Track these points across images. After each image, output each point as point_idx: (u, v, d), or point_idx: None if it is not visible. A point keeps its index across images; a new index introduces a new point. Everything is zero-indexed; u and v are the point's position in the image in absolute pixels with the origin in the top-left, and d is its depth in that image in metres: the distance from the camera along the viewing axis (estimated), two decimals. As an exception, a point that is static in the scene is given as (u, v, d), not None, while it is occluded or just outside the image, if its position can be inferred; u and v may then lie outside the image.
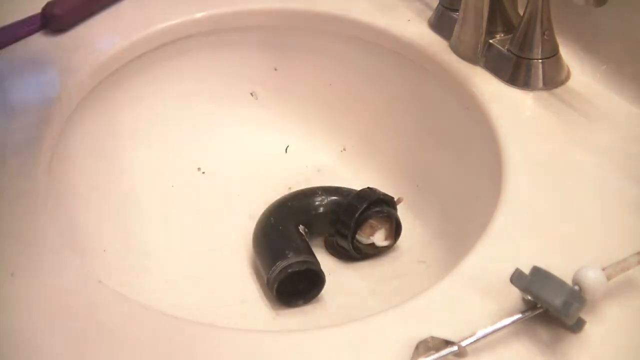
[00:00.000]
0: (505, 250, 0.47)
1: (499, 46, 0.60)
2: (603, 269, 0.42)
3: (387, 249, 0.62)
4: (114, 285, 0.46)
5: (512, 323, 0.41)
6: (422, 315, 0.43)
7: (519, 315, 0.41)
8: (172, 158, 0.69)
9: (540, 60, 0.58)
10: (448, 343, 0.40)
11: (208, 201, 0.68)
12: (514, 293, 0.43)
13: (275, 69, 0.72)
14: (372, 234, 0.60)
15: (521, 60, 0.59)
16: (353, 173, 0.69)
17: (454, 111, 0.62)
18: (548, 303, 0.40)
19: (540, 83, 0.59)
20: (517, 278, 0.42)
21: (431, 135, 0.65)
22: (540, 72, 0.59)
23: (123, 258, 0.59)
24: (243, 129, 0.72)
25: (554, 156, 0.53)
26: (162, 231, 0.64)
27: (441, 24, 0.65)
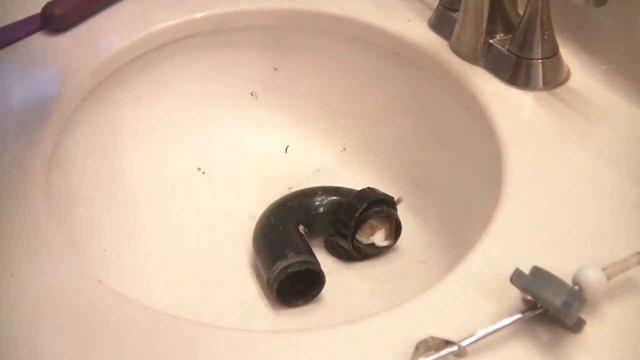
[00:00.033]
0: (505, 250, 0.47)
1: (499, 46, 0.60)
2: (603, 269, 0.42)
3: (387, 249, 0.62)
4: (114, 285, 0.46)
5: (512, 323, 0.41)
6: (422, 315, 0.43)
7: (519, 315, 0.41)
8: (172, 158, 0.69)
9: (540, 60, 0.58)
10: (448, 343, 0.40)
11: (208, 201, 0.67)
12: (514, 293, 0.43)
13: (275, 69, 0.72)
14: (372, 234, 0.60)
15: (521, 60, 0.59)
16: (353, 173, 0.69)
17: (454, 111, 0.62)
18: (548, 303, 0.40)
19: (540, 83, 0.59)
20: (517, 278, 0.42)
21: (431, 135, 0.65)
22: (540, 72, 0.59)
23: (123, 258, 0.59)
24: (243, 129, 0.72)
25: (554, 156, 0.53)
26: (162, 231, 0.64)
27: (441, 24, 0.65)
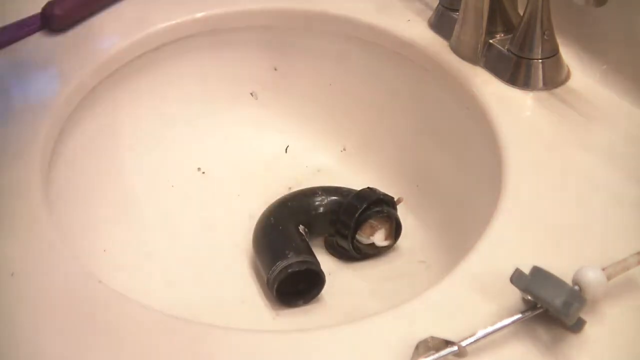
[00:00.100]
0: (505, 250, 0.47)
1: (499, 46, 0.60)
2: (603, 269, 0.42)
3: (387, 249, 0.62)
4: (114, 285, 0.46)
5: (512, 323, 0.41)
6: (422, 315, 0.43)
7: (519, 315, 0.41)
8: (172, 158, 0.69)
9: (540, 60, 0.58)
10: (448, 343, 0.40)
11: (208, 201, 0.67)
12: (514, 293, 0.43)
13: (275, 69, 0.72)
14: (372, 234, 0.60)
15: (521, 60, 0.59)
16: (353, 173, 0.68)
17: (454, 111, 0.62)
18: (548, 303, 0.40)
19: (540, 83, 0.59)
20: (517, 278, 0.42)
21: (431, 135, 0.65)
22: (540, 72, 0.59)
23: (123, 258, 0.59)
24: (243, 129, 0.72)
25: (554, 156, 0.53)
26: (162, 231, 0.64)
27: (441, 24, 0.64)
